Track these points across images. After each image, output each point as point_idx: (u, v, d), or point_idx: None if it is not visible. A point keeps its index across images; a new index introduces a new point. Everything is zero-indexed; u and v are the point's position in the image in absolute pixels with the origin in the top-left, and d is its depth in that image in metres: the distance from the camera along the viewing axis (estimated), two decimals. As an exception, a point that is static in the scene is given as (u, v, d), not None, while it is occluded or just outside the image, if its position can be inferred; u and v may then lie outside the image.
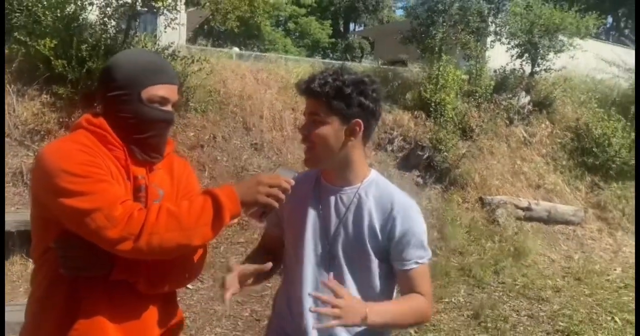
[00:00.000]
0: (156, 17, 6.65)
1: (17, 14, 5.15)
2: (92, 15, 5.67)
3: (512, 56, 8.25)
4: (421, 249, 1.43)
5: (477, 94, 7.66)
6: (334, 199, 1.47)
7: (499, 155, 7.43)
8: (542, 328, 4.16)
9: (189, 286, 4.01)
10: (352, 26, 34.76)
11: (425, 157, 6.70)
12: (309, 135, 1.40)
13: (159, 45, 5.96)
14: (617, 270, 5.91)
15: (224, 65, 6.95)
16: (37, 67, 5.22)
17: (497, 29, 8.18)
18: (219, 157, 5.75)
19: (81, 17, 5.54)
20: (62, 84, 5.15)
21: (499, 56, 8.25)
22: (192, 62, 5.82)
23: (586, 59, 8.58)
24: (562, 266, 5.85)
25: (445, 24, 7.76)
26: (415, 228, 1.42)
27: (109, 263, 1.24)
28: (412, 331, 3.79)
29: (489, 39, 8.35)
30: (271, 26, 27.96)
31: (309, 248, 1.46)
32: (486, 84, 7.70)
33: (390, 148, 6.81)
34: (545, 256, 6.02)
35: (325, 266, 1.45)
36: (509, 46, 8.23)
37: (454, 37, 7.76)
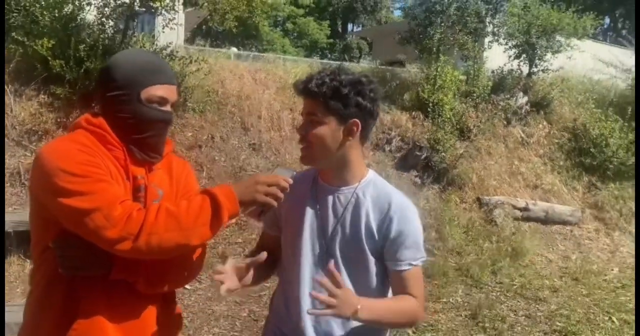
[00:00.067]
0: (154, 17, 6.66)
1: (14, 14, 5.14)
2: (90, 15, 5.66)
3: (510, 57, 8.27)
4: (415, 251, 1.43)
5: (475, 95, 7.67)
6: (331, 199, 1.47)
7: (496, 155, 7.44)
8: (539, 328, 4.16)
9: (186, 286, 4.00)
10: (350, 27, 34.83)
11: (423, 157, 6.71)
12: (306, 135, 1.40)
13: (157, 45, 5.96)
14: (615, 270, 5.93)
15: (222, 65, 6.94)
16: (34, 67, 5.21)
17: (495, 29, 8.19)
18: (217, 157, 5.74)
19: (79, 17, 5.54)
20: (60, 84, 5.14)
21: (497, 57, 8.27)
22: (190, 62, 5.81)
23: (583, 59, 8.60)
24: (560, 267, 5.86)
25: (443, 24, 7.77)
26: (411, 229, 1.42)
27: (108, 263, 1.24)
28: (410, 331, 3.79)
29: (487, 40, 8.36)
30: (269, 26, 27.93)
31: (306, 248, 1.46)
32: (484, 84, 7.71)
33: (388, 149, 6.82)
34: (542, 256, 6.03)
35: (322, 266, 1.44)
36: (506, 47, 8.25)
37: (451, 38, 7.77)
